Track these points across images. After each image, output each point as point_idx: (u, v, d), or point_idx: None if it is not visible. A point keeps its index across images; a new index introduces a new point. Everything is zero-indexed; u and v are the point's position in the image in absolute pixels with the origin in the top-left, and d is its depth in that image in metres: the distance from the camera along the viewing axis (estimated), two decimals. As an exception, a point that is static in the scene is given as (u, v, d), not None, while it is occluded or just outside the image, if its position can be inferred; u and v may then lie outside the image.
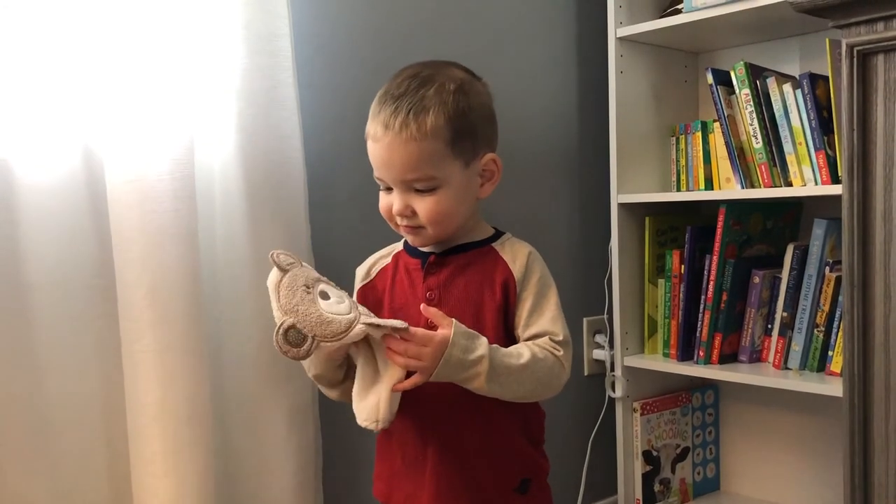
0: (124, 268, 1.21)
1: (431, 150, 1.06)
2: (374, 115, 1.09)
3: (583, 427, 1.93)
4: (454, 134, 1.07)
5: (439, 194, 1.08)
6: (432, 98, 1.06)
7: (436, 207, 1.08)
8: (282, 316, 0.98)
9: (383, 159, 1.08)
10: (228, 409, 1.35)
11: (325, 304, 1.00)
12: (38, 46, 1.17)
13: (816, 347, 1.63)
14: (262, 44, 1.33)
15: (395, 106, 1.06)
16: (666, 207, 1.86)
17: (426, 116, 1.05)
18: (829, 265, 1.62)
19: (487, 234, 1.17)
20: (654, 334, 1.87)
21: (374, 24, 1.59)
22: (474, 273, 1.13)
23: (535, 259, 1.14)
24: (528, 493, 1.15)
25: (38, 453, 1.18)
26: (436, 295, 1.12)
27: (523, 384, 1.06)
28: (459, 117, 1.07)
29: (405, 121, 1.05)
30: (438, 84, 1.08)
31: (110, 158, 1.21)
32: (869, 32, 1.07)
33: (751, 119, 1.65)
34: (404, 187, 1.08)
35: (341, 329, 0.98)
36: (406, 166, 1.06)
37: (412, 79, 1.08)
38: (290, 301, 0.98)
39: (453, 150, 1.08)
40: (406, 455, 1.14)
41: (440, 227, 1.10)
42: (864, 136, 1.09)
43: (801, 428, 1.85)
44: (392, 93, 1.08)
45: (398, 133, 1.05)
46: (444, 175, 1.08)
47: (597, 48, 1.89)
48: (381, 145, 1.07)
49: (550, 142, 1.89)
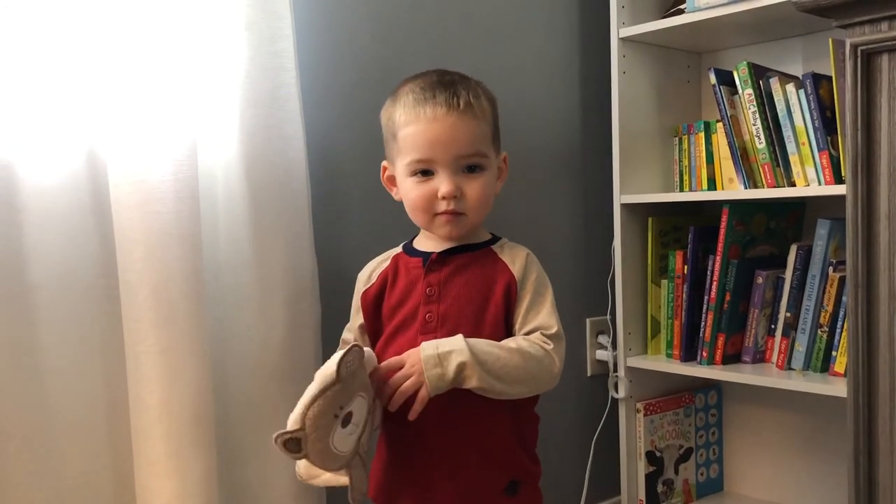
0: (127, 268, 1.21)
1: (485, 132, 1.15)
2: (424, 101, 1.12)
3: (586, 428, 1.93)
4: (494, 122, 1.18)
5: (484, 177, 1.15)
6: (476, 87, 1.16)
7: (482, 191, 1.14)
8: (299, 423, 1.00)
9: (442, 138, 1.11)
10: (231, 410, 1.35)
11: (339, 435, 1.03)
12: (40, 49, 1.17)
13: (820, 348, 1.63)
14: (264, 45, 1.33)
15: (452, 90, 1.12)
16: (669, 208, 1.86)
17: (481, 101, 1.14)
18: (833, 265, 1.62)
19: (486, 238, 1.21)
20: (658, 335, 1.87)
21: (377, 25, 1.59)
22: (474, 273, 1.16)
23: (532, 261, 1.19)
24: (517, 495, 1.16)
25: (41, 454, 1.18)
26: (435, 291, 1.14)
27: (516, 370, 1.09)
28: (494, 108, 1.18)
29: (469, 101, 1.12)
30: (473, 81, 1.17)
31: (113, 159, 1.21)
32: (873, 32, 1.07)
33: (754, 119, 1.64)
34: (455, 168, 1.13)
35: (332, 468, 1.04)
36: (468, 142, 1.12)
37: (447, 74, 1.16)
38: (316, 419, 1.00)
39: (493, 136, 1.16)
40: (395, 456, 1.16)
41: (479, 213, 1.16)
42: (868, 136, 1.09)
43: (805, 428, 1.84)
44: (440, 82, 1.13)
45: (463, 111, 1.11)
46: (490, 157, 1.16)
47: (599, 48, 1.89)
48: (439, 125, 1.11)
49: (553, 142, 1.89)
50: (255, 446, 1.35)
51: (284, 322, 1.35)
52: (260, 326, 1.33)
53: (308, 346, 1.38)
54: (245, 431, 1.36)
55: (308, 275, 1.39)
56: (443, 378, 1.06)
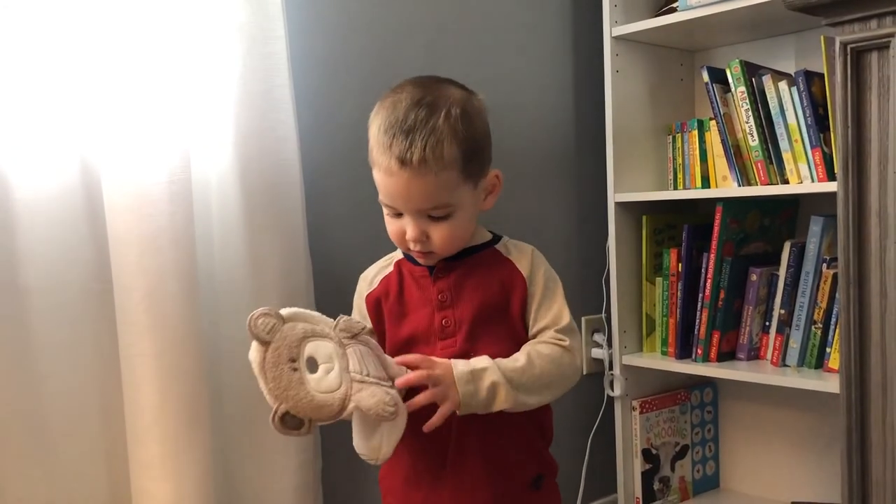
0: (121, 272, 1.21)
1: (447, 180, 1.07)
2: (384, 147, 1.06)
3: (582, 426, 1.93)
4: (465, 160, 1.08)
5: (453, 219, 1.10)
6: (442, 127, 1.05)
7: (450, 233, 1.10)
8: (274, 401, 0.97)
9: (399, 193, 1.07)
10: (227, 413, 1.35)
11: (314, 380, 0.99)
12: (31, 54, 1.18)
13: (814, 344, 1.63)
14: (257, 47, 1.33)
15: (410, 140, 1.04)
16: (663, 206, 1.86)
17: (441, 149, 1.05)
18: (827, 262, 1.62)
19: (487, 238, 1.19)
20: (653, 333, 1.87)
21: (369, 26, 1.59)
22: (484, 274, 1.14)
23: (537, 256, 1.17)
24: (541, 488, 1.16)
25: (37, 459, 1.18)
26: (448, 297, 1.13)
27: (542, 377, 1.08)
28: (469, 143, 1.08)
29: (423, 157, 1.04)
30: (444, 111, 1.07)
31: (107, 163, 1.21)
32: (863, 30, 1.07)
33: (747, 117, 1.65)
34: (419, 216, 1.09)
35: (335, 411, 0.99)
36: (424, 198, 1.07)
37: (417, 107, 1.06)
38: (278, 384, 0.97)
39: (465, 176, 1.09)
40: (416, 467, 1.13)
41: (451, 249, 1.12)
42: (858, 134, 1.09)
43: (800, 424, 1.85)
44: (401, 126, 1.05)
45: (416, 169, 1.04)
46: (457, 201, 1.09)
47: (592, 47, 1.89)
48: (396, 180, 1.06)
49: (546, 141, 1.89)
50: (251, 448, 1.36)
51: (279, 323, 1.35)
52: (255, 328, 1.33)
53: (303, 347, 1.38)
54: (241, 434, 1.36)
55: (302, 276, 1.39)
56: (475, 396, 1.04)
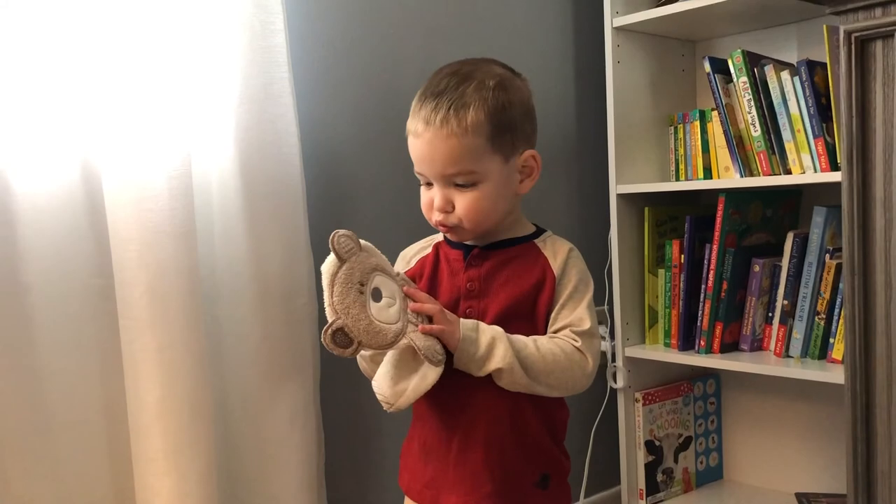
0: (122, 267, 1.20)
1: (472, 146, 1.07)
2: (415, 112, 1.10)
3: (585, 418, 1.93)
4: (494, 129, 1.08)
5: (479, 190, 1.09)
6: (472, 94, 1.07)
7: (475, 204, 1.09)
8: (333, 314, 1.00)
9: (424, 155, 1.09)
10: (229, 407, 1.35)
11: (375, 308, 1.02)
12: (31, 49, 1.17)
13: (817, 335, 1.63)
14: (257, 40, 1.32)
15: (436, 102, 1.07)
16: (665, 197, 1.85)
17: (466, 112, 1.06)
18: (830, 252, 1.61)
19: (529, 231, 1.18)
20: (655, 324, 1.87)
21: (369, 17, 1.58)
22: (516, 268, 1.14)
23: (574, 256, 1.16)
24: (547, 488, 1.15)
25: (40, 454, 1.17)
26: (476, 286, 1.13)
27: (545, 362, 1.07)
28: (499, 113, 1.08)
29: (446, 116, 1.06)
30: (478, 80, 1.09)
31: (107, 158, 1.20)
32: (867, 18, 1.06)
33: (749, 107, 1.64)
34: (445, 182, 1.09)
35: (387, 341, 1.01)
36: (446, 161, 1.07)
37: (452, 76, 1.09)
38: (343, 300, 1.00)
39: (493, 146, 1.09)
40: (427, 441, 1.14)
41: (477, 223, 1.11)
42: (863, 123, 1.08)
43: (803, 416, 1.85)
44: (432, 90, 1.09)
45: (439, 129, 1.06)
46: (484, 170, 1.09)
47: (593, 38, 1.88)
48: (421, 141, 1.08)
49: (548, 133, 1.88)
50: (253, 442, 1.35)
51: (281, 318, 1.35)
52: (256, 323, 1.33)
53: (305, 342, 1.38)
54: (243, 428, 1.35)
55: (304, 270, 1.38)
56: (474, 343, 1.05)
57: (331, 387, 1.47)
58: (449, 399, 1.10)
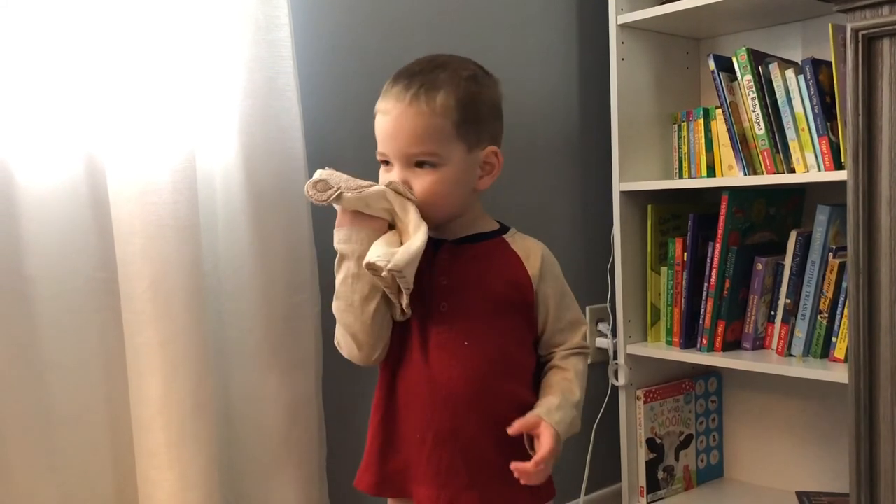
0: (125, 261, 1.20)
1: (438, 127, 1.09)
2: (386, 91, 1.12)
3: (586, 415, 1.90)
4: (461, 117, 1.10)
5: (439, 173, 1.10)
6: (445, 80, 1.10)
7: (432, 186, 1.10)
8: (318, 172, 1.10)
9: (389, 131, 1.10)
10: (232, 401, 1.35)
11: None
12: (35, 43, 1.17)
13: (820, 334, 1.63)
14: (261, 34, 1.32)
15: (408, 82, 1.10)
16: (668, 195, 1.85)
17: (436, 94, 1.09)
18: (833, 251, 1.61)
19: (494, 227, 1.19)
20: (657, 322, 1.87)
21: (373, 12, 1.58)
22: (487, 264, 1.15)
23: (548, 256, 1.18)
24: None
25: (42, 447, 1.17)
26: (448, 281, 1.13)
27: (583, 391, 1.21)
28: (468, 102, 1.11)
29: (416, 94, 1.08)
30: (452, 69, 1.12)
31: (111, 151, 1.20)
32: (874, 16, 1.06)
33: (753, 105, 1.64)
34: (406, 162, 1.11)
35: (364, 184, 1.09)
36: (411, 139, 1.09)
37: (427, 62, 1.13)
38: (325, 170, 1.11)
39: (458, 132, 1.10)
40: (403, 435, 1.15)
41: (431, 205, 1.11)
42: (869, 122, 1.08)
43: (805, 414, 1.85)
44: (406, 72, 1.12)
45: (408, 106, 1.08)
46: (446, 154, 1.10)
47: (598, 35, 1.88)
48: (389, 118, 1.10)
49: (552, 130, 1.89)
50: (255, 436, 1.35)
51: (283, 313, 1.35)
52: (259, 317, 1.33)
53: (307, 337, 1.38)
54: (245, 422, 1.35)
55: (307, 265, 1.38)
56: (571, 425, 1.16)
57: (333, 381, 1.47)
58: (423, 391, 1.11)
